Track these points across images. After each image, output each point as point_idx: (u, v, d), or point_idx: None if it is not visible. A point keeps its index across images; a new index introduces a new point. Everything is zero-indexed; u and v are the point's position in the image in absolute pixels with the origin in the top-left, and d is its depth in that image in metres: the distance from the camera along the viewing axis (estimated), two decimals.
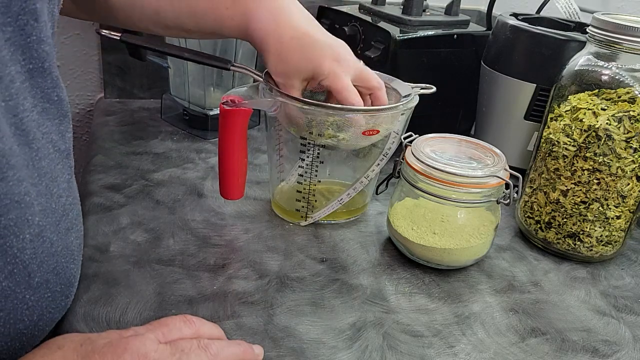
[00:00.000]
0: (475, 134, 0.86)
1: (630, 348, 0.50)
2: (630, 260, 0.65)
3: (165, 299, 0.50)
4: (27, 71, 0.35)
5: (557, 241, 0.62)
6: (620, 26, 0.55)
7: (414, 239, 0.57)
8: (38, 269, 0.37)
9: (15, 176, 0.33)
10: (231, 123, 0.56)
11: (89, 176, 0.70)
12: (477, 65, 0.82)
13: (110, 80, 0.97)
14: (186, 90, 0.85)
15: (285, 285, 0.54)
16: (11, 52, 0.34)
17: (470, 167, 0.56)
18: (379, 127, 0.58)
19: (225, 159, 0.58)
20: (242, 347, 0.41)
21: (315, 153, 0.59)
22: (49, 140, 0.38)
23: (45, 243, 0.37)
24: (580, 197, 0.59)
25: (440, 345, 0.48)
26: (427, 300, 0.54)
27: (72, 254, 0.41)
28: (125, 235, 0.58)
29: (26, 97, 0.35)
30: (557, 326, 0.52)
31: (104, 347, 0.35)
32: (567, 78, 0.61)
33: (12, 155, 0.33)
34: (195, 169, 0.74)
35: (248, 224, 0.63)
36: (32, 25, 0.35)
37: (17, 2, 0.33)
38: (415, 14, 0.82)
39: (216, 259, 0.56)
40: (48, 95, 0.37)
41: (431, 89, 0.61)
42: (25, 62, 0.35)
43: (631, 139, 0.56)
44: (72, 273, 0.42)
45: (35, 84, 0.36)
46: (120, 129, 0.85)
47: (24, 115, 0.35)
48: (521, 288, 0.57)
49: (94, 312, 0.47)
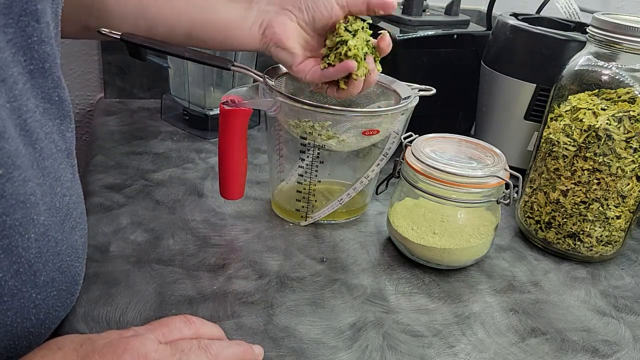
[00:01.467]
0: (475, 134, 0.86)
1: (630, 348, 0.50)
2: (630, 260, 0.65)
3: (165, 299, 0.50)
4: (28, 72, 0.35)
5: (557, 241, 0.62)
6: (620, 26, 0.55)
7: (414, 239, 0.57)
8: (43, 267, 0.37)
9: (21, 177, 0.34)
10: (231, 123, 0.56)
11: (89, 176, 0.70)
12: (477, 65, 0.82)
13: (110, 80, 0.97)
14: (186, 90, 0.85)
15: (285, 285, 0.54)
16: (13, 53, 0.34)
17: (470, 167, 0.56)
18: (379, 127, 0.58)
19: (225, 159, 0.58)
20: (242, 347, 0.41)
21: (315, 153, 0.59)
22: (51, 140, 0.38)
23: (50, 242, 0.37)
24: (580, 197, 0.59)
25: (440, 345, 0.48)
26: (427, 300, 0.54)
27: (77, 252, 0.41)
28: (125, 235, 0.58)
29: (29, 97, 0.35)
30: (557, 326, 0.52)
31: (104, 348, 0.35)
32: (567, 78, 0.61)
33: (18, 156, 0.33)
34: (195, 169, 0.74)
35: (248, 224, 0.63)
36: (33, 27, 0.35)
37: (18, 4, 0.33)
38: (415, 14, 0.82)
39: (216, 259, 0.56)
40: (49, 96, 0.38)
41: (431, 90, 0.61)
42: (27, 63, 0.35)
43: (631, 139, 0.56)
44: (77, 271, 0.42)
45: (37, 84, 0.36)
46: (120, 129, 0.85)
47: (28, 116, 0.35)
48: (521, 288, 0.57)
49: (94, 312, 0.47)
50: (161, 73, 0.95)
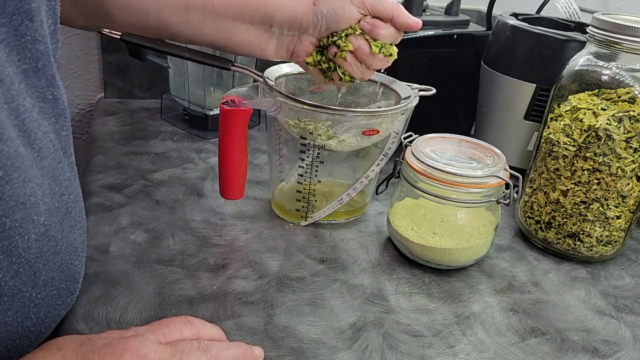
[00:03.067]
0: (475, 134, 0.86)
1: (630, 348, 0.50)
2: (630, 260, 0.65)
3: (165, 299, 0.50)
4: (22, 72, 0.35)
5: (557, 241, 0.62)
6: (620, 26, 0.55)
7: (414, 239, 0.57)
8: (43, 267, 0.37)
9: (21, 178, 0.34)
10: (231, 123, 0.56)
11: (89, 176, 0.70)
12: (477, 65, 0.82)
13: (110, 80, 0.97)
14: (186, 90, 0.85)
15: (285, 285, 0.54)
16: (7, 53, 0.33)
17: (470, 167, 0.56)
18: (379, 127, 0.58)
19: (225, 159, 0.58)
20: (242, 348, 0.41)
21: (315, 153, 0.59)
22: (49, 140, 0.38)
23: (50, 242, 0.37)
24: (580, 197, 0.59)
25: (440, 345, 0.48)
26: (427, 300, 0.54)
27: (77, 251, 0.41)
28: (125, 235, 0.58)
29: (25, 97, 0.35)
30: (557, 326, 0.52)
31: (104, 348, 0.35)
32: (567, 78, 0.61)
33: (18, 157, 0.33)
34: (195, 169, 0.74)
35: (248, 224, 0.63)
36: (26, 25, 0.34)
37: (12, 3, 0.33)
38: (415, 14, 0.81)
39: (216, 259, 0.56)
40: (43, 95, 0.37)
41: (431, 90, 0.61)
42: (21, 63, 0.35)
43: (631, 139, 0.56)
44: (77, 270, 0.42)
45: (31, 84, 0.36)
46: (120, 129, 0.85)
47: (25, 116, 0.35)
48: (521, 288, 0.57)
49: (94, 312, 0.47)
50: (161, 73, 0.95)
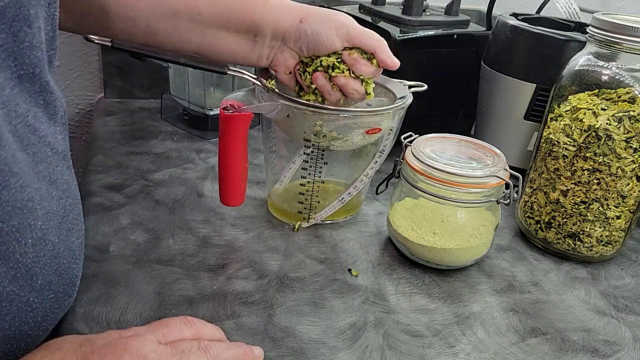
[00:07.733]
0: (475, 134, 0.86)
1: (630, 348, 0.50)
2: (630, 260, 0.65)
3: (165, 299, 0.50)
4: (17, 77, 0.35)
5: (557, 241, 0.62)
6: (620, 26, 0.55)
7: (414, 239, 0.57)
8: (41, 271, 0.37)
9: (18, 183, 0.34)
10: (234, 128, 0.55)
11: (89, 176, 0.70)
12: (477, 65, 0.82)
13: (110, 80, 0.97)
14: (186, 90, 0.85)
15: (285, 285, 0.54)
16: (2, 58, 0.33)
17: (470, 167, 0.56)
18: (381, 125, 0.58)
19: (226, 166, 0.56)
20: (242, 349, 0.41)
21: (320, 155, 0.59)
22: (45, 144, 0.38)
23: (48, 246, 0.37)
24: (580, 197, 0.59)
25: (440, 345, 0.48)
26: (427, 300, 0.54)
27: (74, 254, 0.41)
28: (125, 235, 0.58)
29: (18, 103, 0.35)
30: (557, 326, 0.52)
31: (103, 348, 0.35)
32: (567, 78, 0.61)
33: (15, 163, 0.33)
34: (195, 169, 0.74)
35: (248, 223, 0.63)
36: (25, 32, 0.34)
37: (11, 9, 0.33)
38: (415, 14, 0.82)
39: (216, 259, 0.56)
40: (35, 100, 0.37)
41: (423, 86, 0.62)
42: (17, 68, 0.35)
43: (631, 139, 0.56)
44: (75, 273, 0.42)
45: (24, 89, 0.36)
46: (120, 129, 0.85)
47: (18, 122, 0.35)
48: (521, 288, 0.57)
49: (94, 312, 0.47)
50: (161, 73, 0.95)
